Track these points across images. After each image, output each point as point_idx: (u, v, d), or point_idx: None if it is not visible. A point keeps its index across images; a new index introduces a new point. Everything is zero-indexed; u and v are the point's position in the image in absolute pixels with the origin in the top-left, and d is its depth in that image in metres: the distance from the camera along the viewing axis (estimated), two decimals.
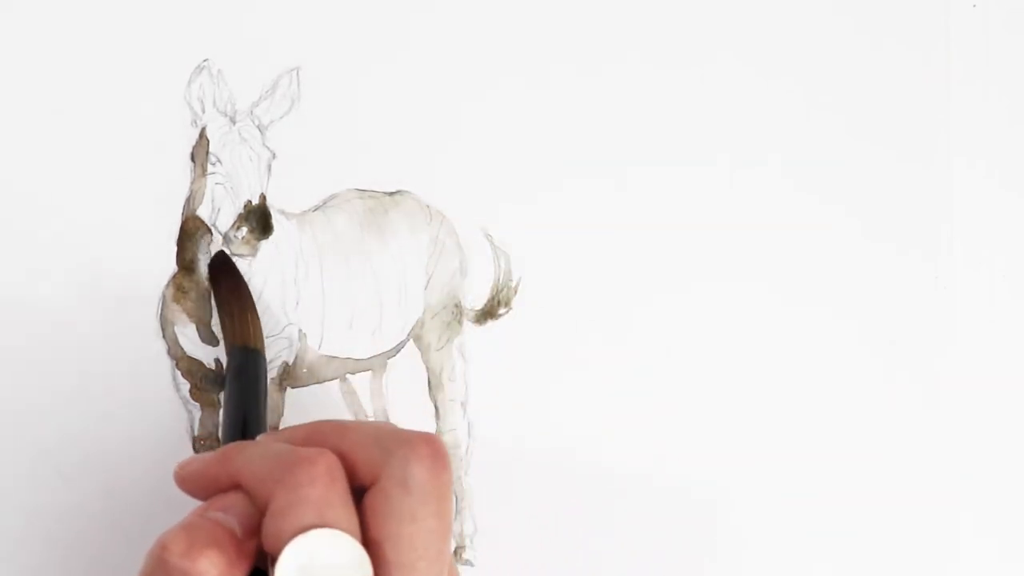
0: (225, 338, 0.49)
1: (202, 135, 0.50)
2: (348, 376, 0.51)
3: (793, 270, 0.54)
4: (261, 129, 0.51)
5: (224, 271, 0.50)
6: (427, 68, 0.52)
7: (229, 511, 0.40)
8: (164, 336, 0.50)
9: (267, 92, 0.51)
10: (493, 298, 0.53)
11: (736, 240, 0.54)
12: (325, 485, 0.39)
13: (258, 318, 0.49)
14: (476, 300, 0.52)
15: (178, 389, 0.50)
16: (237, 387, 0.47)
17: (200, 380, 0.50)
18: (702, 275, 0.53)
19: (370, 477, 0.40)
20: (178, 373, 0.50)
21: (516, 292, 0.53)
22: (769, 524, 0.53)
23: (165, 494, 0.49)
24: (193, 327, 0.50)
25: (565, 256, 0.53)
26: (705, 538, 0.53)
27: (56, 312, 0.49)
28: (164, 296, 0.50)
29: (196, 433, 0.50)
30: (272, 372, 0.51)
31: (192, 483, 0.42)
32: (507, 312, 0.52)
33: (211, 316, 0.50)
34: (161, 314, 0.50)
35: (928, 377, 0.54)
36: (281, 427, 0.50)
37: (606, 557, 0.52)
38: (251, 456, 0.41)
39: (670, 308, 0.53)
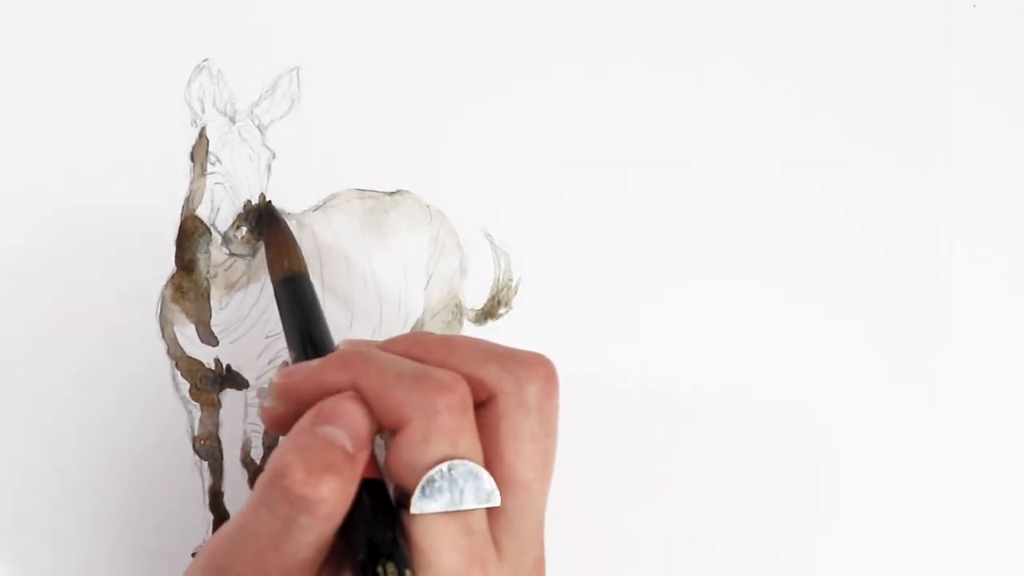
0: (272, 273, 0.48)
1: (202, 135, 0.50)
2: None
3: (793, 270, 0.54)
4: (261, 129, 0.51)
5: (267, 215, 0.50)
6: (427, 68, 0.52)
7: (338, 423, 0.39)
8: (164, 336, 0.50)
9: (267, 92, 0.51)
10: (493, 298, 0.53)
11: (736, 240, 0.54)
12: (460, 414, 0.39)
13: (298, 246, 0.48)
14: (476, 300, 0.52)
15: (178, 389, 0.50)
16: (298, 314, 0.46)
17: (200, 380, 0.50)
18: (702, 275, 0.53)
19: (482, 394, 0.40)
20: (178, 373, 0.50)
21: (516, 292, 0.53)
22: (768, 522, 0.53)
23: (165, 493, 0.50)
24: (192, 327, 0.50)
25: (565, 256, 0.53)
26: (703, 539, 0.53)
27: (56, 311, 0.49)
28: (163, 296, 0.50)
29: (196, 433, 0.50)
30: (272, 372, 0.51)
31: (302, 391, 0.41)
32: (507, 312, 0.52)
33: (210, 316, 0.50)
34: (160, 314, 0.50)
35: (928, 377, 0.54)
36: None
37: (604, 556, 0.52)
38: (380, 369, 0.40)
39: (670, 308, 0.53)
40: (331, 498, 0.38)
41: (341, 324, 0.51)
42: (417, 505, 0.38)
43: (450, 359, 0.41)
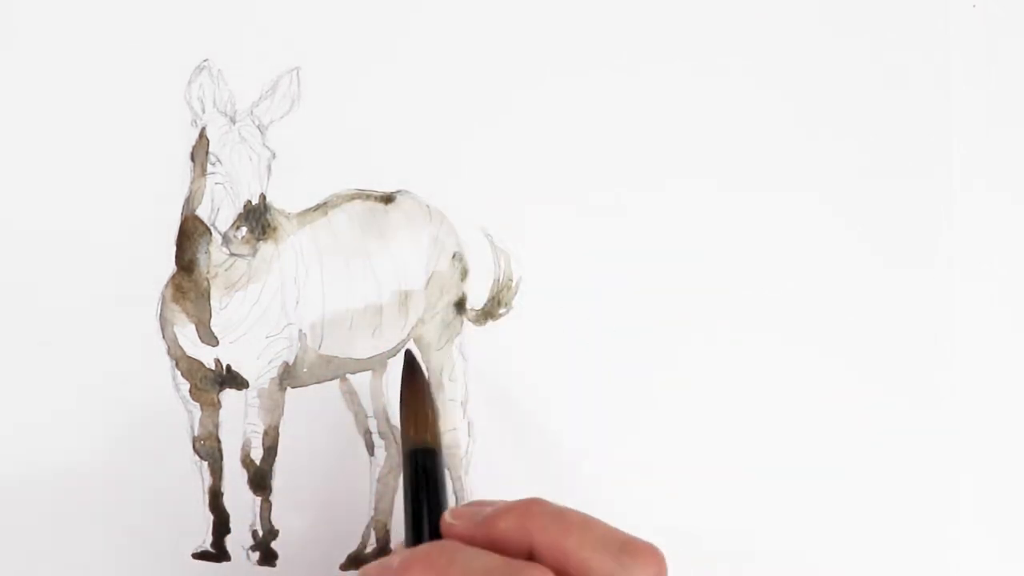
0: (402, 436, 0.47)
1: (202, 135, 0.50)
2: (348, 376, 0.52)
3: (793, 271, 0.54)
4: (261, 129, 0.51)
5: (411, 369, 0.48)
6: (427, 68, 0.52)
7: None
8: (164, 336, 0.50)
9: (267, 92, 0.51)
10: (493, 298, 0.53)
11: (736, 242, 0.54)
12: None
13: (436, 416, 0.48)
14: (476, 300, 0.52)
15: (178, 389, 0.50)
16: (419, 492, 0.46)
17: (200, 380, 0.50)
18: (702, 275, 0.53)
19: None
20: (178, 373, 0.50)
21: (516, 292, 0.53)
22: (769, 525, 0.53)
23: (165, 493, 0.50)
24: (192, 327, 0.50)
25: (565, 256, 0.53)
26: (701, 539, 0.53)
27: (55, 312, 0.49)
28: (163, 296, 0.50)
29: (196, 433, 0.50)
30: (272, 372, 0.51)
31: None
32: (507, 312, 0.53)
33: (210, 316, 0.50)
34: (160, 314, 0.50)
35: (928, 377, 0.54)
36: (282, 427, 0.50)
37: None
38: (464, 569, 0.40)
39: (669, 308, 0.53)
40: None
41: (341, 324, 0.51)
42: None
43: (564, 541, 0.41)
